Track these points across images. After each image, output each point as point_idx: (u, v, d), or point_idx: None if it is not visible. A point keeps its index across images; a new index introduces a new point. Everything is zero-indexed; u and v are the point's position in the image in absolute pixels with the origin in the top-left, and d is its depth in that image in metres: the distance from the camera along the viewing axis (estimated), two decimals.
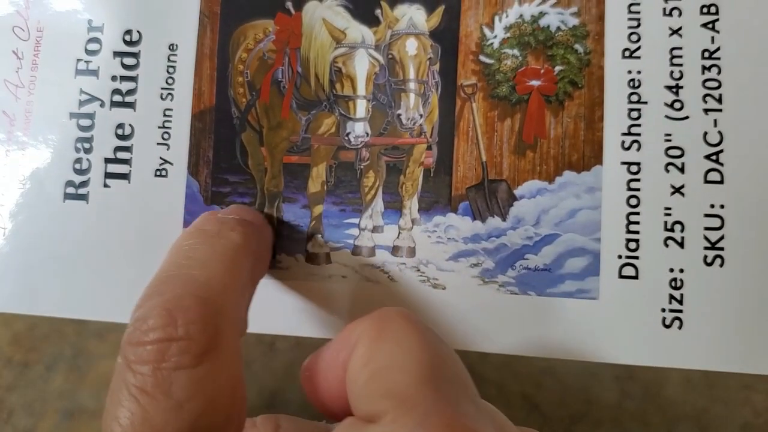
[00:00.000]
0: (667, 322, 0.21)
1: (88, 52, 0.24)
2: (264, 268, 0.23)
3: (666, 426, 0.24)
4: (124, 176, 0.24)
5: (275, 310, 0.23)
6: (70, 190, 0.24)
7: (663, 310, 0.21)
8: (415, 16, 0.24)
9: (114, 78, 0.24)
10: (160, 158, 0.24)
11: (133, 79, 0.24)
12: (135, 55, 0.24)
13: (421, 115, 0.23)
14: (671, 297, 0.21)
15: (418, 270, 0.23)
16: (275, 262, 0.23)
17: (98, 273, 0.24)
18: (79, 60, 0.24)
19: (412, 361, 0.14)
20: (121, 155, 0.24)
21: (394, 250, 0.23)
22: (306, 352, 0.19)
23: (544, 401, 0.25)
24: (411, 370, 0.14)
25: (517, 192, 0.23)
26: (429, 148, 0.23)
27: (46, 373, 0.28)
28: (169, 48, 0.24)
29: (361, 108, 0.24)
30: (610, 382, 0.25)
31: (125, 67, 0.24)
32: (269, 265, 0.23)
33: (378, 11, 0.24)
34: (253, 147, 0.24)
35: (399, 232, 0.23)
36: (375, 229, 0.23)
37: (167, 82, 0.24)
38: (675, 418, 0.24)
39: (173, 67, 0.24)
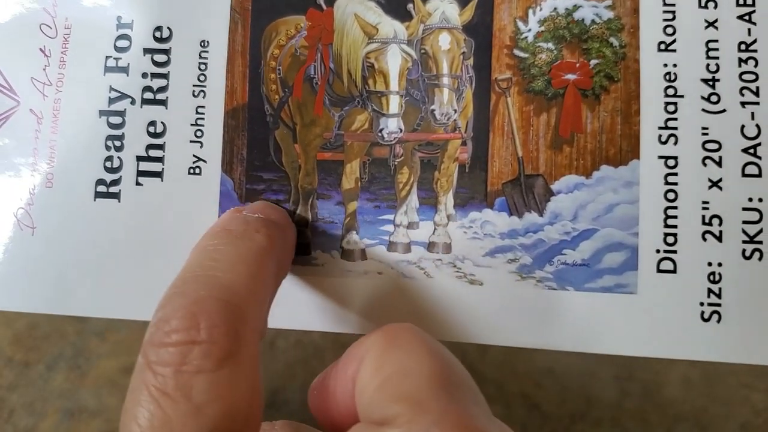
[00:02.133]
0: (706, 316, 0.21)
1: (118, 48, 0.24)
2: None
3: (665, 425, 0.24)
4: (157, 174, 0.24)
5: (312, 307, 0.23)
6: (101, 188, 0.24)
7: (701, 304, 0.21)
8: (448, 10, 0.24)
9: (144, 75, 0.24)
10: (194, 156, 0.24)
11: (164, 76, 0.24)
12: (166, 51, 0.24)
13: (455, 110, 0.23)
14: (710, 291, 0.21)
15: (455, 266, 0.23)
16: (311, 259, 0.23)
17: (131, 273, 0.24)
18: (108, 57, 0.24)
19: (422, 367, 0.15)
20: (153, 153, 0.24)
21: (430, 246, 0.23)
22: (306, 351, 0.19)
23: (543, 400, 0.25)
24: (422, 375, 0.15)
25: (553, 187, 0.23)
26: (464, 143, 0.23)
27: (46, 373, 0.28)
28: (201, 45, 0.24)
29: (395, 104, 0.23)
30: (610, 382, 0.25)
31: (156, 64, 0.24)
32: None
33: (410, 6, 0.24)
34: (286, 144, 0.24)
35: (434, 228, 0.23)
36: (410, 226, 0.23)
37: (199, 79, 0.24)
38: (674, 418, 0.24)
39: (205, 63, 0.24)
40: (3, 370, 0.28)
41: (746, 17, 0.22)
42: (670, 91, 0.22)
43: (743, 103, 0.22)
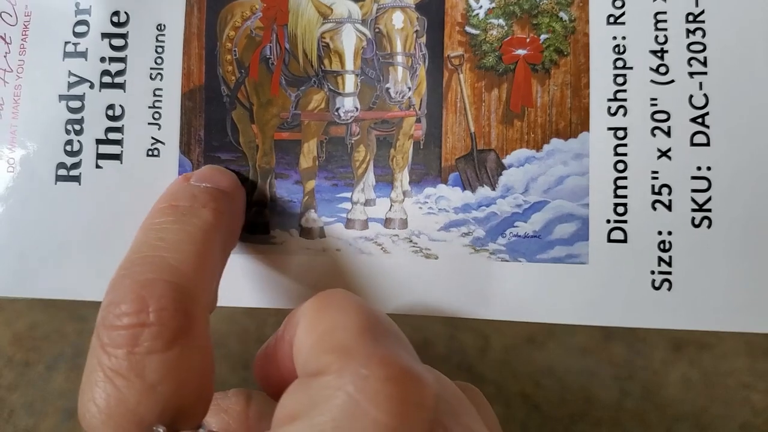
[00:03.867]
0: (657, 284, 0.22)
1: (76, 34, 0.24)
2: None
3: (665, 425, 0.24)
4: (116, 157, 0.24)
5: (272, 285, 0.23)
6: (62, 172, 0.24)
7: (652, 272, 0.22)
8: None
9: (103, 59, 0.24)
10: (152, 138, 0.24)
11: (122, 60, 0.24)
12: (123, 36, 0.24)
13: (409, 88, 0.24)
14: (660, 259, 0.22)
15: (411, 241, 0.23)
16: (270, 238, 0.24)
17: (93, 254, 0.24)
18: (67, 42, 0.24)
19: (351, 321, 0.16)
20: (112, 136, 0.24)
21: (387, 222, 0.23)
22: None
23: (543, 401, 0.25)
24: (351, 327, 0.15)
25: (505, 161, 0.23)
26: (418, 120, 0.24)
27: (46, 373, 0.28)
28: (157, 28, 0.24)
29: (350, 83, 0.24)
30: (610, 382, 0.25)
31: (114, 48, 0.24)
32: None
33: None
34: (243, 124, 0.24)
35: (391, 205, 0.23)
36: (367, 203, 0.24)
37: (156, 62, 0.24)
38: (674, 418, 0.24)
39: (162, 47, 0.24)
40: (3, 370, 0.28)
41: None
42: (619, 64, 0.23)
43: (691, 74, 0.22)
